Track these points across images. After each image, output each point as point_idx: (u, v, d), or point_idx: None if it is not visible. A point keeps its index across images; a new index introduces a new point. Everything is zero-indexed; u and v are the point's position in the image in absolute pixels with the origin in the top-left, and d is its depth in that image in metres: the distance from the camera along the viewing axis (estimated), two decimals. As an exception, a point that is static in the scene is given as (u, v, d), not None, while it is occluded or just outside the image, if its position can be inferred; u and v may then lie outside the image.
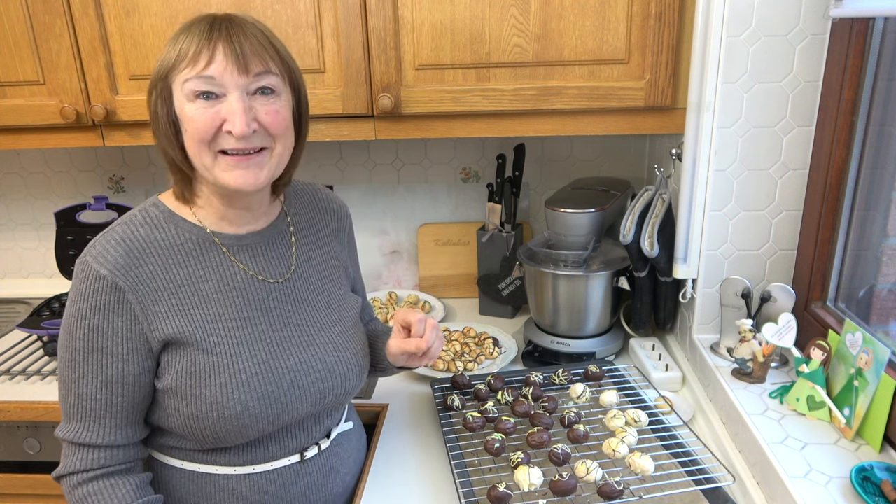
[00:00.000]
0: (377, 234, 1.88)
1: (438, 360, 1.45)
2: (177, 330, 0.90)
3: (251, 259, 0.97)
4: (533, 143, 1.76)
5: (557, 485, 0.96)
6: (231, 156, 0.87)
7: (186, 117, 0.86)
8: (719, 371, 1.21)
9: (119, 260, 0.88)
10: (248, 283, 0.96)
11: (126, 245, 0.90)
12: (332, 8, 1.32)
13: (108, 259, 0.88)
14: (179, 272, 0.92)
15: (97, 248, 0.89)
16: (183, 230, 0.94)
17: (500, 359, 1.49)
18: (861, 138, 1.12)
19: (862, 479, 0.90)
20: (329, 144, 1.80)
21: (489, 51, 1.32)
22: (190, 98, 0.85)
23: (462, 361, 1.47)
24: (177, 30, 0.88)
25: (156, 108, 0.88)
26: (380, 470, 1.15)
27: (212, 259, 0.94)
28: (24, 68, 1.40)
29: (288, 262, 1.01)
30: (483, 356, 1.50)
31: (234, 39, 0.85)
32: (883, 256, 1.11)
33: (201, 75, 0.84)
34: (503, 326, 1.67)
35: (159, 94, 0.88)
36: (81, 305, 0.88)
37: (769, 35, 1.14)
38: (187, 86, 0.85)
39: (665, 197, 1.40)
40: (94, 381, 0.89)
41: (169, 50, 0.86)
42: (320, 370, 0.99)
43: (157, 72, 0.87)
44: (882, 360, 0.95)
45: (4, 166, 1.91)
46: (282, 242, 1.02)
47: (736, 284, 1.24)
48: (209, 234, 0.95)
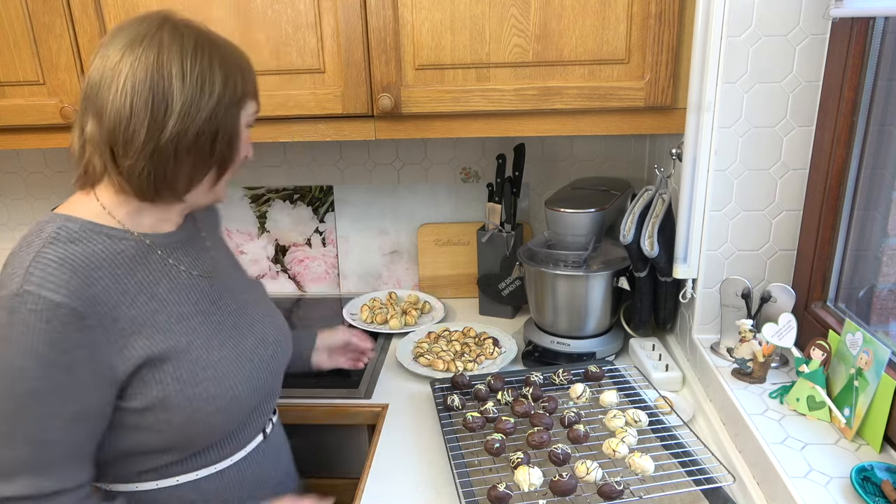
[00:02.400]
0: (377, 234, 1.88)
1: (438, 360, 1.45)
2: (148, 344, 0.86)
3: (184, 256, 0.97)
4: (533, 143, 1.76)
5: (557, 485, 0.96)
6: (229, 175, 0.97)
7: (243, 141, 0.94)
8: (719, 371, 1.21)
9: (69, 282, 0.80)
10: (190, 279, 0.96)
11: (69, 265, 0.81)
12: (332, 8, 1.32)
13: (57, 283, 0.79)
14: (130, 280, 0.87)
15: (36, 275, 0.79)
16: (116, 239, 0.88)
17: (499, 359, 1.49)
18: (861, 138, 1.12)
19: (862, 479, 0.90)
20: (329, 144, 1.80)
21: (489, 51, 1.32)
22: (247, 126, 0.94)
23: (462, 361, 1.46)
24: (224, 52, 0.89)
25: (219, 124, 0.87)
26: (380, 470, 1.14)
27: (153, 262, 0.92)
28: (23, 68, 1.40)
29: (207, 257, 1.03)
30: (483, 356, 1.50)
31: None
32: (883, 256, 1.11)
33: (258, 110, 0.96)
34: (503, 326, 1.67)
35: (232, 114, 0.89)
36: (31, 342, 0.77)
37: (769, 35, 1.14)
38: (252, 116, 0.95)
39: (665, 197, 1.40)
40: (57, 422, 0.80)
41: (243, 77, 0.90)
42: (273, 342, 1.05)
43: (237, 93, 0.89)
44: (882, 360, 0.95)
45: (4, 166, 1.91)
46: (198, 238, 1.04)
47: (736, 284, 1.24)
48: (139, 237, 0.91)
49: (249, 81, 0.92)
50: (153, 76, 0.82)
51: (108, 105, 0.83)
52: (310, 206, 1.87)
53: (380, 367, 1.51)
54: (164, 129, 0.83)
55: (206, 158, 0.89)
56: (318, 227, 1.89)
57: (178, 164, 0.87)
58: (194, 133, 0.85)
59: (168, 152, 0.85)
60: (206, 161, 0.89)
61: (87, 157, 0.88)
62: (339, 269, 1.91)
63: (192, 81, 0.84)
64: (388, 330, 1.66)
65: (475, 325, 1.64)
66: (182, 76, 0.83)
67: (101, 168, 0.88)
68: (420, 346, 1.54)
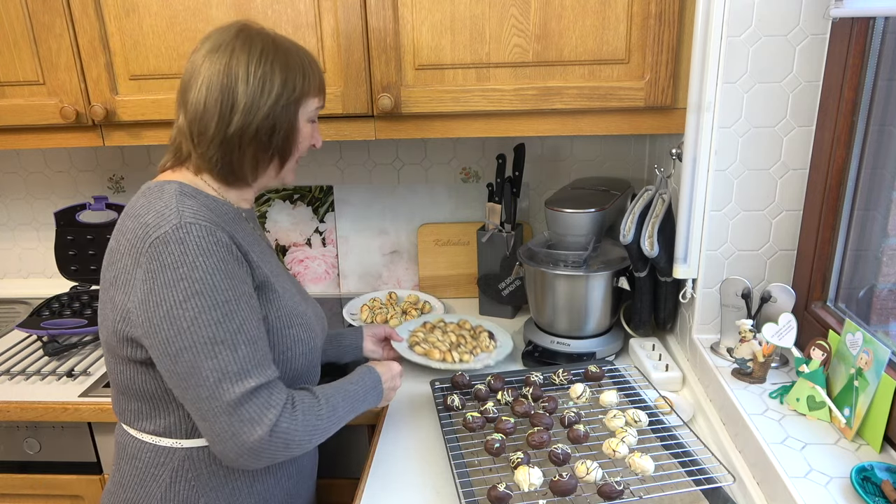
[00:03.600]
0: (377, 234, 1.88)
1: (434, 350, 1.44)
2: (264, 276, 1.01)
3: (258, 229, 1.15)
4: (533, 143, 1.76)
5: (557, 485, 0.96)
6: (298, 161, 1.11)
7: (305, 133, 1.06)
8: (719, 371, 1.21)
9: (213, 218, 0.96)
10: (268, 247, 1.14)
11: (204, 207, 0.97)
12: (332, 8, 1.32)
13: (207, 218, 0.95)
14: (237, 236, 0.99)
15: (188, 213, 0.94)
16: (218, 204, 1.03)
17: (496, 352, 1.48)
18: (861, 138, 1.12)
19: (862, 480, 0.90)
20: (329, 144, 1.80)
21: (489, 51, 1.32)
22: (311, 119, 1.06)
23: (459, 352, 1.46)
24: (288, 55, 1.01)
25: (276, 120, 1.00)
26: (380, 470, 1.14)
27: (245, 228, 1.07)
28: (23, 68, 1.40)
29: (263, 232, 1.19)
30: (479, 349, 1.49)
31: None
32: (883, 256, 1.11)
33: (322, 106, 1.09)
34: (503, 326, 1.67)
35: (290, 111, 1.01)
36: (211, 261, 0.91)
37: (769, 35, 1.14)
38: (313, 112, 1.06)
39: (665, 197, 1.40)
40: (254, 322, 0.95)
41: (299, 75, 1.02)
42: (322, 315, 1.22)
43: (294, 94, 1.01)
44: (882, 360, 0.95)
45: (4, 166, 1.91)
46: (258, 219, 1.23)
47: (736, 284, 1.24)
48: (236, 208, 1.08)
49: (311, 81, 1.04)
50: (223, 79, 0.97)
51: (190, 101, 0.99)
52: (310, 206, 1.87)
53: (380, 367, 1.51)
54: (230, 124, 0.98)
55: (267, 149, 1.02)
56: (318, 227, 1.89)
57: (242, 153, 1.01)
58: (255, 128, 0.99)
59: (234, 143, 0.99)
60: (266, 151, 1.02)
61: (177, 142, 1.04)
62: (339, 269, 1.91)
63: (255, 84, 0.98)
64: (388, 330, 1.66)
65: (470, 318, 1.63)
66: (246, 79, 0.97)
67: (186, 152, 1.03)
68: (416, 335, 1.52)
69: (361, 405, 1.11)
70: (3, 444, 1.45)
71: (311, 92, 1.04)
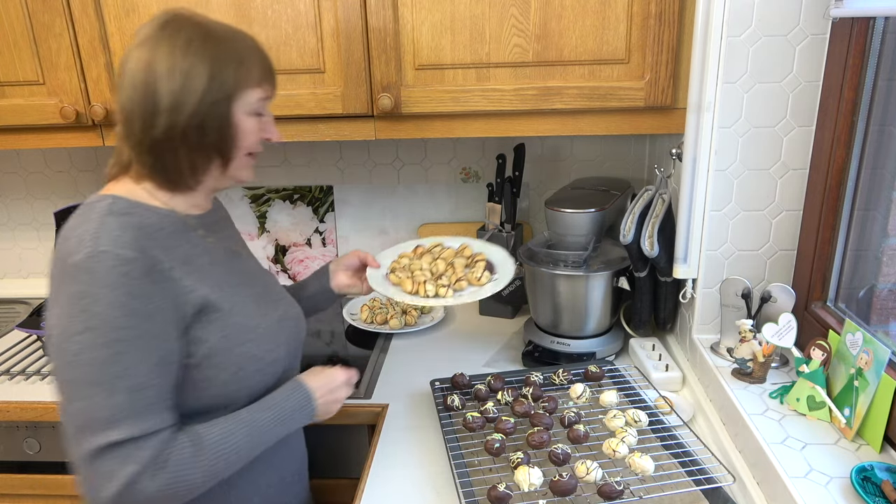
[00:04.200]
0: (377, 233, 1.88)
1: (408, 280, 1.28)
2: (204, 296, 0.94)
3: (214, 236, 1.05)
4: (533, 143, 1.76)
5: (557, 485, 0.96)
6: (252, 156, 1.02)
7: (246, 129, 0.97)
8: (719, 371, 1.21)
9: (136, 241, 0.88)
10: (223, 256, 1.04)
11: (131, 228, 0.89)
12: (332, 8, 1.32)
13: (126, 242, 0.87)
14: (175, 252, 0.93)
15: (105, 239, 0.86)
16: (159, 216, 0.95)
17: (487, 287, 1.28)
18: (861, 138, 1.12)
19: (862, 480, 0.90)
20: (329, 144, 1.80)
21: (489, 51, 1.32)
22: (252, 114, 0.97)
23: (435, 285, 1.27)
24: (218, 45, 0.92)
25: (204, 118, 0.92)
26: (380, 470, 1.14)
27: (192, 239, 0.99)
28: (23, 68, 1.40)
29: (232, 238, 1.12)
30: (465, 281, 1.29)
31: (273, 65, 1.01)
32: (883, 256, 1.11)
33: (268, 97, 1.00)
34: (504, 326, 1.67)
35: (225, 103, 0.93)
36: (115, 295, 0.84)
37: (769, 35, 1.14)
38: (256, 104, 0.97)
39: (665, 197, 1.40)
40: (146, 367, 0.87)
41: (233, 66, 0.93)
42: (294, 318, 1.13)
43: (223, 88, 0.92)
44: (882, 360, 0.95)
45: (4, 166, 1.91)
46: (226, 220, 1.14)
47: (736, 284, 1.24)
48: (183, 216, 0.99)
49: (248, 71, 0.94)
50: (145, 76, 0.89)
51: (119, 102, 0.92)
52: (310, 206, 1.87)
53: (380, 366, 1.51)
54: (154, 126, 0.90)
55: (201, 150, 0.94)
56: (318, 227, 1.89)
57: (175, 156, 0.93)
58: (181, 129, 0.91)
59: (163, 147, 0.92)
60: (202, 152, 0.94)
61: (118, 147, 0.98)
62: (339, 269, 1.91)
63: (177, 80, 0.89)
64: (388, 330, 1.66)
65: (475, 244, 1.41)
66: (168, 76, 0.89)
67: (127, 158, 0.97)
68: (400, 260, 1.37)
69: (280, 430, 1.01)
70: (3, 444, 1.45)
71: (249, 83, 0.95)
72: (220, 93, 0.92)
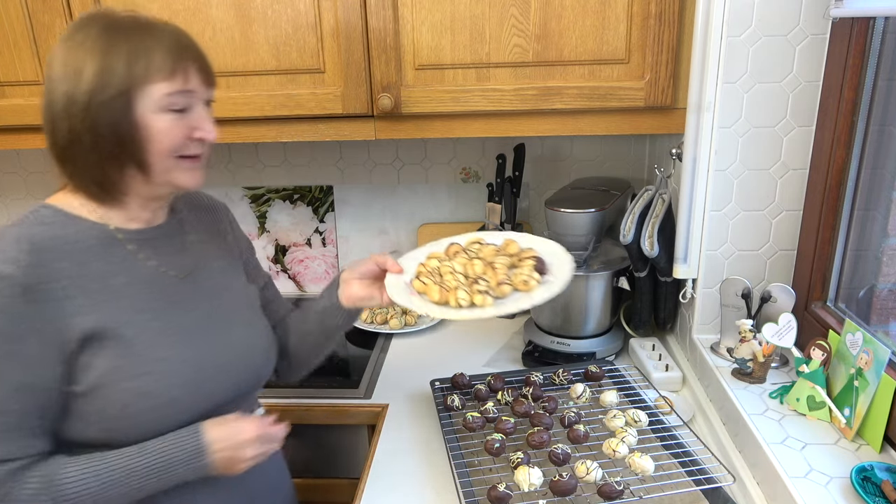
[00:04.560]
0: (377, 234, 1.88)
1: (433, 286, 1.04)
2: (93, 324, 0.86)
3: (154, 254, 0.96)
4: (533, 143, 1.76)
5: (557, 485, 0.96)
6: (190, 159, 0.91)
7: (157, 128, 0.86)
8: (719, 371, 1.21)
9: (22, 257, 0.82)
10: (154, 276, 0.94)
11: (26, 242, 0.84)
12: (332, 8, 1.32)
13: (9, 257, 0.82)
14: (85, 268, 0.88)
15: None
16: (79, 229, 0.90)
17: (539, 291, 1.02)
18: (861, 138, 1.12)
19: (862, 480, 0.90)
20: (329, 144, 1.80)
21: (489, 51, 1.32)
22: (163, 110, 0.86)
23: (470, 292, 1.01)
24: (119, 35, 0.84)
25: (111, 114, 0.84)
26: (380, 470, 1.14)
27: (116, 255, 0.91)
28: (23, 68, 1.40)
29: (186, 257, 1.00)
30: (509, 285, 1.03)
31: (200, 54, 0.90)
32: (883, 256, 1.11)
33: (182, 90, 0.87)
34: (504, 326, 1.67)
35: (120, 101, 0.84)
36: None
37: (769, 35, 1.14)
38: (165, 100, 0.86)
39: (665, 197, 1.40)
40: (5, 390, 0.81)
41: (126, 58, 0.84)
42: (241, 354, 1.00)
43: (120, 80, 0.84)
44: (882, 360, 0.95)
45: (4, 166, 1.91)
46: (178, 237, 1.01)
47: (736, 284, 1.24)
48: (113, 230, 0.92)
49: (150, 63, 0.85)
50: (46, 81, 0.86)
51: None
52: (310, 206, 1.87)
53: (380, 366, 1.51)
54: (56, 131, 0.86)
55: (109, 155, 0.86)
56: (318, 227, 1.89)
57: (85, 163, 0.87)
58: (77, 133, 0.85)
59: (71, 153, 0.87)
60: (111, 158, 0.87)
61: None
62: (339, 269, 1.91)
63: (68, 80, 0.84)
64: (389, 330, 1.66)
65: (521, 239, 1.16)
66: (62, 76, 0.84)
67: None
68: (429, 262, 1.13)
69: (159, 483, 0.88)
70: None
71: (151, 77, 0.84)
72: (113, 89, 0.83)
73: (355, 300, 1.08)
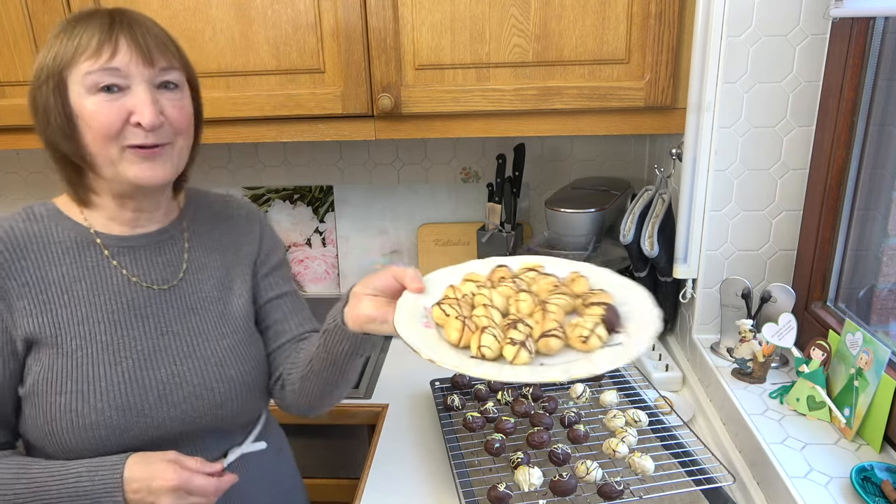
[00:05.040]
0: (377, 234, 1.88)
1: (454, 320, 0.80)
2: (37, 329, 0.85)
3: (132, 262, 0.92)
4: (533, 143, 1.76)
5: (557, 485, 0.96)
6: (139, 149, 0.84)
7: (88, 112, 0.82)
8: (719, 371, 1.21)
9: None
10: (124, 286, 0.90)
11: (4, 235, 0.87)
12: (332, 8, 1.32)
13: None
14: (52, 270, 0.87)
15: None
16: (63, 228, 0.90)
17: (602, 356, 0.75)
18: (861, 138, 1.12)
19: (862, 480, 0.90)
20: (329, 144, 1.80)
21: (489, 51, 1.32)
22: (91, 91, 0.82)
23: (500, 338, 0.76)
24: (64, 22, 0.85)
25: (46, 104, 0.83)
26: (380, 470, 1.14)
27: (88, 259, 0.89)
28: (23, 68, 1.40)
29: (176, 269, 0.95)
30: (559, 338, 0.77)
31: (136, 31, 0.84)
32: (883, 256, 1.11)
33: (106, 67, 0.81)
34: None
35: (52, 88, 0.82)
36: None
37: (769, 35, 1.14)
38: (89, 79, 0.81)
39: (665, 197, 1.40)
40: None
41: (63, 42, 0.82)
42: (195, 385, 0.91)
43: (50, 65, 0.82)
44: (882, 360, 0.95)
45: (4, 166, 1.91)
46: (172, 247, 0.96)
47: (736, 284, 1.24)
48: (91, 233, 0.90)
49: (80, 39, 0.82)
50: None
51: None
52: (310, 206, 1.87)
53: (380, 366, 1.51)
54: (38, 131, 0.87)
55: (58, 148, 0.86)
56: (318, 227, 1.89)
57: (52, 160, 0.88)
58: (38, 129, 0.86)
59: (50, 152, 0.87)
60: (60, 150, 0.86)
61: None
62: (339, 269, 1.91)
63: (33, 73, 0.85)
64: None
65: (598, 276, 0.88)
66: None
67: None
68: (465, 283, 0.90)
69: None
70: None
71: (77, 58, 0.81)
72: (54, 73, 0.82)
73: (363, 321, 0.88)
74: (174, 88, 0.87)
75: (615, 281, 0.88)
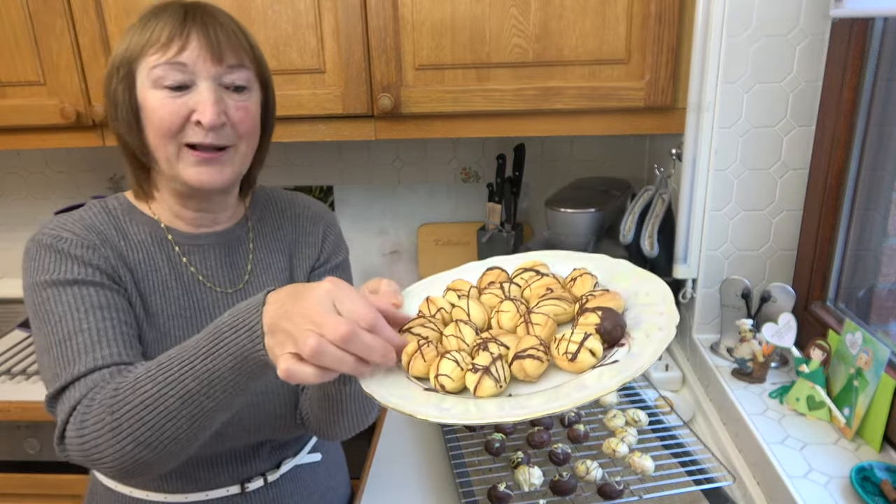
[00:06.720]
0: (377, 234, 1.88)
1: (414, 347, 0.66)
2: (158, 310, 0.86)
3: (201, 261, 0.91)
4: (533, 143, 1.76)
5: (557, 484, 0.96)
6: (197, 151, 0.83)
7: (150, 105, 0.81)
8: (719, 371, 1.21)
9: (78, 231, 0.85)
10: (194, 285, 0.90)
11: (83, 223, 0.87)
12: (332, 8, 1.32)
13: (66, 230, 0.84)
14: (132, 255, 0.87)
15: (49, 227, 0.85)
16: (137, 221, 0.90)
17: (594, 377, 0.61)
18: (861, 138, 1.12)
19: (862, 479, 0.90)
20: (329, 144, 1.80)
21: (489, 51, 1.32)
22: (156, 86, 0.81)
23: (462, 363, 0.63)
24: (144, 13, 0.83)
25: (115, 95, 0.83)
26: (380, 470, 1.15)
27: (163, 252, 0.89)
28: (24, 68, 1.40)
29: (241, 271, 0.94)
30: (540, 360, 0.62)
31: (209, 26, 0.81)
32: (883, 256, 1.11)
33: (172, 62, 0.79)
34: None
35: (121, 79, 0.82)
36: (39, 265, 0.83)
37: (769, 35, 1.14)
38: (155, 72, 0.80)
39: (665, 197, 1.40)
40: (76, 314, 0.78)
41: (137, 33, 0.81)
42: (257, 394, 0.89)
43: (121, 56, 0.82)
44: (882, 360, 0.95)
45: (4, 166, 1.91)
46: (238, 249, 0.95)
47: (736, 284, 1.24)
48: (163, 228, 0.90)
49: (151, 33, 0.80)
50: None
51: None
52: (310, 206, 1.87)
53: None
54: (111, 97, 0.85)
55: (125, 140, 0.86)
56: (319, 227, 1.89)
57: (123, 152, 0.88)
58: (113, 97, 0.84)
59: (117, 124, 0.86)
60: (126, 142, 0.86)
61: None
62: (340, 269, 1.91)
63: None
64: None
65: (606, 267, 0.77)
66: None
67: None
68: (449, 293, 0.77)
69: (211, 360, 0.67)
70: (3, 443, 1.46)
71: (147, 50, 0.80)
72: (124, 63, 0.81)
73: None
74: (242, 90, 0.85)
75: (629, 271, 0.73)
